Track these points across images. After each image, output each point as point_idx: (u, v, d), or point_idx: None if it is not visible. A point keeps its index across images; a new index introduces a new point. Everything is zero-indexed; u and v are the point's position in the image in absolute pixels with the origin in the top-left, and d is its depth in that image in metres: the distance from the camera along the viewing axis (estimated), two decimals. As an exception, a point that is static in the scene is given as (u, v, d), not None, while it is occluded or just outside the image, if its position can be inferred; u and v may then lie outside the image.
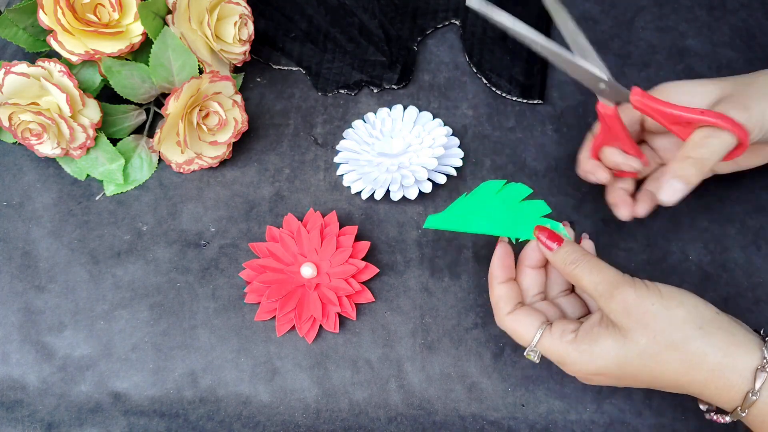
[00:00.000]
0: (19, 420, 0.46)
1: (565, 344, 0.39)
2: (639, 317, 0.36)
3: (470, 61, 0.58)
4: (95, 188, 0.54)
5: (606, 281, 0.38)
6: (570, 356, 0.38)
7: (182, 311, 0.49)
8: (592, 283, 0.38)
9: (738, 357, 0.35)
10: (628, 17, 0.60)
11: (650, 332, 0.36)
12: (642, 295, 0.37)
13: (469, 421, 0.45)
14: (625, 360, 0.37)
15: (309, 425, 0.45)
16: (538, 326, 0.40)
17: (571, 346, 0.38)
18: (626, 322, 0.37)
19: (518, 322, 0.40)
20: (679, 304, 0.37)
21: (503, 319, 0.41)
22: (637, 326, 0.36)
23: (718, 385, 0.36)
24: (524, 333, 0.40)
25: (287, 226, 0.50)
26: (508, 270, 0.42)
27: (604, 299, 0.37)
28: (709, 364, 0.36)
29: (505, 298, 0.41)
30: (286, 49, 0.60)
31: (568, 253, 0.40)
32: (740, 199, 0.51)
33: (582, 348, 0.38)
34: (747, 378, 0.35)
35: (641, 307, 0.36)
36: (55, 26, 0.49)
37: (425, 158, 0.51)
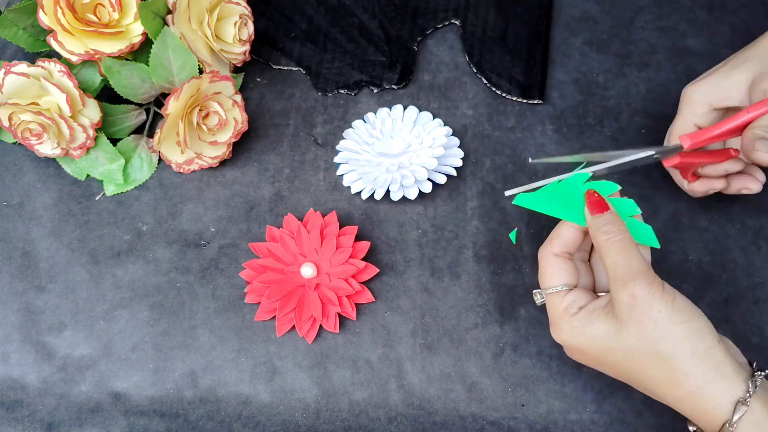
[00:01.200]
0: (19, 420, 0.46)
1: (565, 313, 0.39)
2: (640, 317, 0.36)
3: (470, 61, 0.58)
4: (95, 188, 0.54)
5: (628, 267, 0.37)
6: (561, 325, 0.39)
7: (182, 311, 0.49)
8: (613, 263, 0.38)
9: (721, 388, 0.35)
10: (628, 17, 0.60)
11: (644, 336, 0.36)
12: (654, 296, 0.36)
13: (469, 421, 0.45)
14: (609, 350, 0.38)
15: (309, 425, 0.45)
16: (563, 283, 0.40)
17: (567, 318, 0.39)
18: (626, 316, 0.36)
19: (553, 265, 0.41)
20: (684, 321, 0.36)
21: (546, 253, 0.41)
22: (633, 324, 0.36)
23: (694, 408, 0.36)
24: (549, 278, 0.41)
25: (287, 226, 0.50)
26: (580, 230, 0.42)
27: (617, 284, 0.37)
28: (689, 386, 0.35)
29: (563, 239, 0.41)
30: (286, 49, 0.60)
31: (606, 223, 0.39)
32: (740, 199, 0.51)
33: (574, 325, 0.39)
34: (726, 409, 0.35)
35: (647, 308, 0.36)
36: (55, 26, 0.49)
37: (425, 158, 0.51)
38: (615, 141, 0.54)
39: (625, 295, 0.37)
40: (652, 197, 0.51)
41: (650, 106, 0.55)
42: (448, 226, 0.51)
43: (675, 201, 0.51)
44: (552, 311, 0.40)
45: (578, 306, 0.39)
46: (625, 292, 0.37)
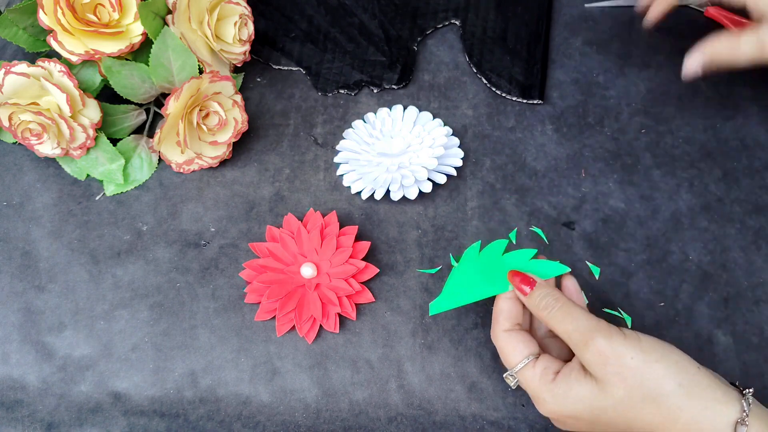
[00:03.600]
0: (19, 420, 0.46)
1: (542, 383, 0.38)
2: (616, 369, 0.36)
3: (470, 61, 0.58)
4: (95, 188, 0.54)
5: (579, 330, 0.37)
6: (544, 397, 0.38)
7: (182, 311, 0.49)
8: (566, 332, 0.38)
9: (717, 412, 0.35)
10: (628, 17, 0.60)
11: (627, 385, 0.36)
12: (618, 345, 0.36)
13: (469, 421, 0.45)
14: (600, 409, 0.37)
15: (309, 425, 0.45)
16: (527, 355, 0.39)
17: (547, 386, 0.38)
18: (602, 373, 0.36)
19: (509, 343, 0.40)
20: (659, 359, 0.36)
21: (498, 333, 0.41)
22: (614, 378, 0.36)
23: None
24: (511, 356, 0.40)
25: (287, 226, 0.50)
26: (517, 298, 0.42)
27: (579, 348, 0.37)
28: (686, 418, 0.35)
29: (506, 313, 0.41)
30: (286, 49, 0.60)
31: (541, 298, 0.39)
32: (740, 199, 0.51)
33: (556, 392, 0.38)
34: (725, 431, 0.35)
35: (619, 359, 0.36)
36: (55, 26, 0.49)
37: (425, 158, 0.51)
38: (615, 141, 0.54)
39: (590, 354, 0.37)
40: (652, 197, 0.51)
41: (650, 106, 0.55)
42: (448, 226, 0.51)
43: (675, 201, 0.51)
44: (529, 386, 0.39)
45: (553, 372, 0.38)
46: (589, 352, 0.37)
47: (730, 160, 0.53)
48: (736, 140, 0.53)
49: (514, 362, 0.40)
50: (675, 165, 0.53)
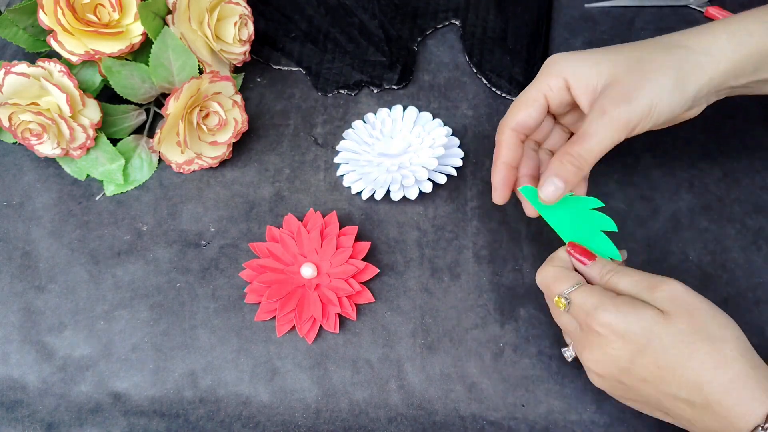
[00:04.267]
0: (19, 420, 0.46)
1: (603, 297, 0.37)
2: (685, 306, 0.36)
3: (470, 61, 0.58)
4: (95, 188, 0.54)
5: (646, 279, 0.38)
6: (605, 308, 0.37)
7: (182, 311, 0.49)
8: (631, 283, 0.38)
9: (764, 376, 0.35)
10: (628, 17, 0.60)
11: (693, 321, 0.36)
12: (690, 290, 0.37)
13: (469, 421, 0.45)
14: (658, 334, 0.36)
15: (309, 425, 0.45)
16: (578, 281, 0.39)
17: (611, 300, 0.37)
18: (671, 307, 0.36)
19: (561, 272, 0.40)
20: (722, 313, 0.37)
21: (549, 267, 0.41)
22: (681, 312, 0.36)
23: (741, 395, 0.34)
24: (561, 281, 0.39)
25: (287, 226, 0.50)
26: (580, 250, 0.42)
27: (649, 291, 0.37)
28: (736, 369, 0.35)
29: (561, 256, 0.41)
30: (286, 49, 0.60)
31: (602, 266, 0.40)
32: (740, 199, 0.51)
33: (620, 307, 0.37)
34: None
35: (688, 298, 0.36)
36: (55, 26, 0.49)
37: (425, 158, 0.51)
38: (615, 141, 0.54)
39: (662, 292, 0.37)
40: (652, 197, 0.51)
41: (650, 106, 0.55)
42: (448, 226, 0.51)
43: (675, 201, 0.51)
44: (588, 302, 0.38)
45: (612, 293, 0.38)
46: (660, 291, 0.37)
47: (730, 160, 0.53)
48: (736, 140, 0.53)
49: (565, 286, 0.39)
50: (675, 165, 0.53)
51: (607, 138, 0.39)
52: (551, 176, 0.40)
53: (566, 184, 0.40)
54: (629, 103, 0.39)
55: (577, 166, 0.39)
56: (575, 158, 0.39)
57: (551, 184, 0.40)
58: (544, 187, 0.40)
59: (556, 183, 0.39)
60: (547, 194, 0.40)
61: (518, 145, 0.44)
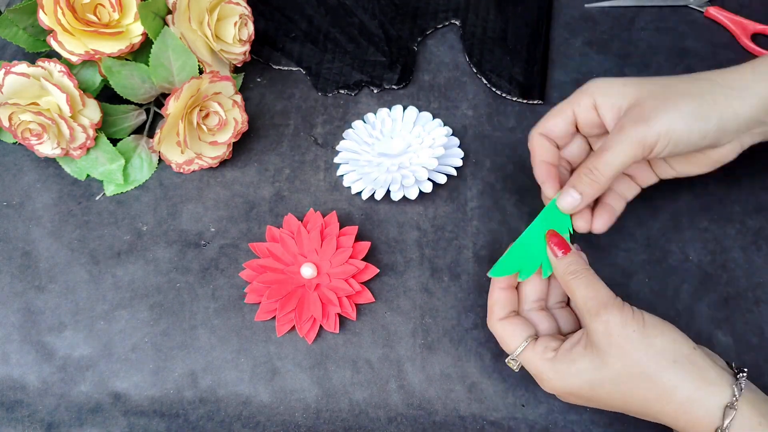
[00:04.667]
0: (19, 420, 0.46)
1: (543, 361, 0.39)
2: (618, 342, 0.37)
3: (470, 61, 0.58)
4: (95, 188, 0.54)
5: (597, 299, 0.38)
6: (546, 374, 0.39)
7: (182, 311, 0.49)
8: (583, 298, 0.39)
9: (708, 393, 0.36)
10: (628, 17, 0.60)
11: (626, 358, 0.37)
12: (626, 320, 0.37)
13: (469, 421, 0.45)
14: (598, 383, 0.38)
15: (309, 425, 0.45)
16: (525, 338, 0.41)
17: (549, 364, 0.39)
18: (605, 345, 0.37)
19: (507, 329, 0.42)
20: (657, 335, 0.37)
21: (494, 323, 0.42)
22: (614, 351, 0.37)
23: (688, 419, 0.36)
24: (510, 341, 0.41)
25: (287, 226, 0.50)
26: (511, 279, 0.43)
27: (590, 316, 0.38)
28: (678, 398, 0.36)
29: (501, 303, 0.42)
30: (286, 49, 0.60)
31: (570, 263, 0.41)
32: (740, 199, 0.51)
33: (558, 368, 0.39)
34: (716, 415, 0.35)
35: (622, 332, 0.37)
36: (55, 26, 0.49)
37: (425, 158, 0.51)
38: (615, 141, 0.54)
39: (600, 324, 0.37)
40: (652, 197, 0.51)
41: (650, 106, 0.55)
42: (448, 226, 0.51)
43: (675, 201, 0.51)
44: (531, 366, 0.40)
45: (552, 349, 0.40)
46: (599, 322, 0.37)
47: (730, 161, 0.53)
48: (736, 140, 0.53)
49: (514, 346, 0.41)
50: (675, 165, 0.53)
51: (623, 154, 0.40)
52: (569, 188, 0.42)
53: (582, 196, 0.41)
54: (646, 123, 0.40)
55: (592, 179, 0.41)
56: (592, 172, 0.41)
57: (569, 195, 0.42)
58: (562, 198, 0.42)
59: (573, 194, 0.42)
60: (565, 204, 0.42)
61: (550, 147, 0.45)
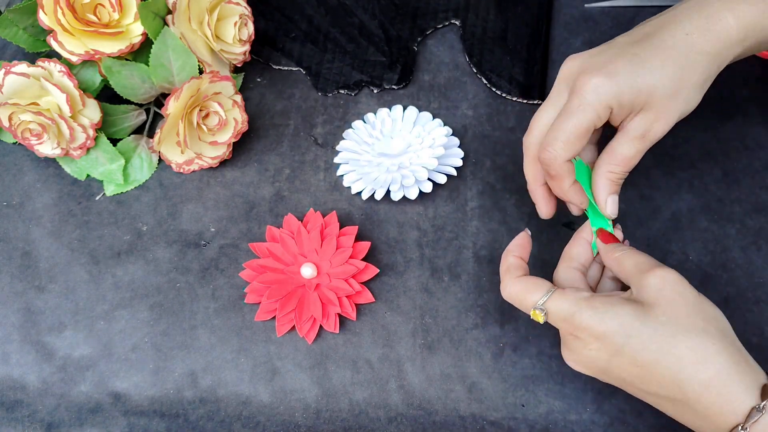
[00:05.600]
0: (19, 420, 0.46)
1: (578, 300, 0.37)
2: (671, 296, 0.36)
3: (470, 61, 0.58)
4: (95, 188, 0.54)
5: (650, 261, 0.38)
6: (581, 312, 0.36)
7: (182, 311, 0.49)
8: (634, 261, 0.38)
9: (746, 371, 0.34)
10: (628, 17, 0.60)
11: (674, 312, 0.35)
12: (683, 281, 0.37)
13: (469, 421, 0.45)
14: (637, 331, 0.35)
15: (309, 425, 0.45)
16: (548, 289, 0.39)
17: (585, 302, 0.37)
18: (655, 297, 0.36)
19: (528, 282, 0.39)
20: (711, 306, 0.37)
21: (511, 282, 0.40)
22: (664, 302, 0.36)
23: (720, 393, 0.34)
24: (530, 294, 0.39)
25: (287, 226, 0.50)
26: (524, 252, 0.42)
27: (644, 273, 0.37)
28: (716, 366, 0.34)
29: (515, 265, 0.41)
30: (286, 49, 0.60)
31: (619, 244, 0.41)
32: (740, 199, 0.51)
33: (596, 306, 0.36)
34: (753, 393, 0.34)
35: (678, 288, 0.36)
36: (55, 26, 0.49)
37: (425, 158, 0.51)
38: (615, 141, 0.54)
39: (654, 278, 0.37)
40: (652, 197, 0.51)
41: (650, 106, 0.55)
42: (448, 226, 0.51)
43: (675, 201, 0.51)
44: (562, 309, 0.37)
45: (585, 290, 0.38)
46: (653, 277, 0.37)
47: (730, 160, 0.53)
48: (736, 140, 0.53)
49: (537, 297, 0.38)
50: (675, 165, 0.53)
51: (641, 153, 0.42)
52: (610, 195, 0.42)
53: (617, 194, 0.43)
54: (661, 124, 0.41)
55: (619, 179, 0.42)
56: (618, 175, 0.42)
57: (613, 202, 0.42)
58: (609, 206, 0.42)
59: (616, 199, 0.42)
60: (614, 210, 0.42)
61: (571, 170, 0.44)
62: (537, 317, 0.39)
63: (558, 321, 0.38)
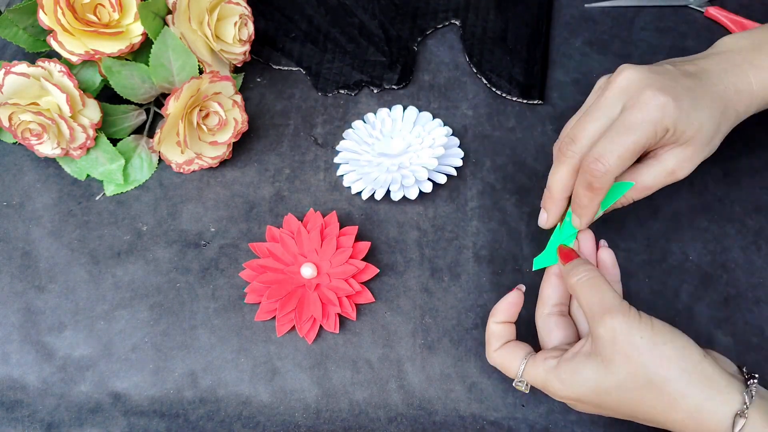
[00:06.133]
0: (19, 420, 0.46)
1: (546, 371, 0.39)
2: (623, 348, 0.36)
3: (470, 61, 0.58)
4: (95, 188, 0.54)
5: (601, 304, 0.38)
6: (551, 383, 0.39)
7: (182, 311, 0.49)
8: (588, 302, 0.39)
9: (718, 403, 0.35)
10: (628, 17, 0.60)
11: (632, 365, 0.36)
12: (632, 325, 0.36)
13: (469, 421, 0.45)
14: (604, 391, 0.37)
15: (309, 425, 0.45)
16: (523, 357, 0.41)
17: (552, 373, 0.39)
18: (610, 351, 0.36)
19: (504, 356, 0.41)
20: (666, 342, 0.36)
21: (491, 354, 0.42)
22: (619, 357, 0.36)
23: (697, 428, 0.36)
24: (510, 364, 0.41)
25: (287, 226, 0.50)
26: (510, 315, 0.43)
27: (595, 321, 0.37)
28: (687, 407, 0.35)
29: (496, 335, 0.42)
30: (286, 49, 0.60)
31: (575, 266, 0.41)
32: (740, 199, 0.51)
33: (562, 376, 0.38)
34: (726, 424, 0.35)
35: (628, 337, 0.36)
36: (55, 26, 0.49)
37: (425, 158, 0.51)
38: (615, 141, 0.54)
39: (604, 329, 0.37)
40: (652, 197, 0.51)
41: (650, 106, 0.55)
42: (448, 226, 0.51)
43: (675, 201, 0.51)
44: (537, 379, 0.40)
45: (552, 357, 0.39)
46: (603, 327, 0.37)
47: (730, 160, 0.53)
48: (736, 140, 0.53)
49: (516, 367, 0.41)
50: (675, 165, 0.53)
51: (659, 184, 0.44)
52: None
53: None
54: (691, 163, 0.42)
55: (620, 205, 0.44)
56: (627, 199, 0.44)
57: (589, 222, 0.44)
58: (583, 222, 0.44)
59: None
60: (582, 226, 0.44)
61: None
62: (521, 388, 0.41)
63: (538, 387, 0.41)
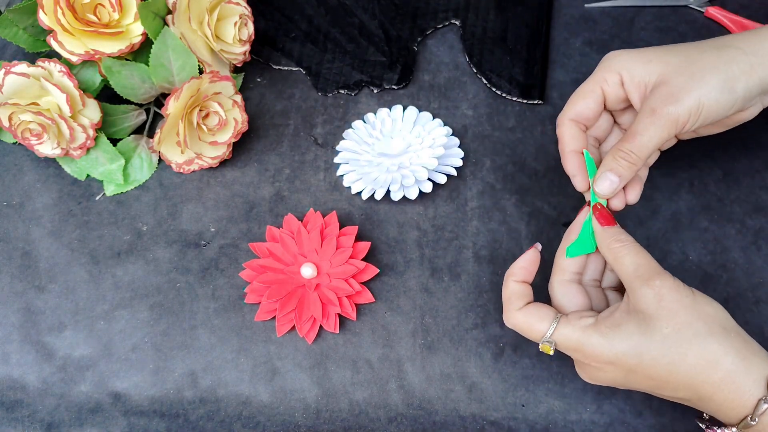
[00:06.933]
0: (19, 420, 0.46)
1: (583, 329, 0.38)
2: (670, 305, 0.36)
3: (470, 61, 0.58)
4: (95, 188, 0.54)
5: (649, 266, 0.38)
6: (590, 340, 0.37)
7: (182, 311, 0.49)
8: (633, 264, 0.38)
9: (753, 363, 0.36)
10: (628, 17, 0.60)
11: (677, 322, 0.36)
12: (678, 286, 0.37)
13: (469, 421, 0.45)
14: (646, 348, 0.36)
15: (309, 425, 0.45)
16: (554, 317, 0.39)
17: (592, 329, 0.37)
18: (655, 309, 0.36)
19: (529, 315, 0.39)
20: (708, 303, 0.37)
21: (514, 314, 0.40)
22: (665, 314, 0.36)
23: (731, 390, 0.36)
24: (536, 326, 0.39)
25: (287, 226, 0.50)
26: (527, 274, 0.41)
27: (641, 282, 0.37)
28: (725, 366, 0.36)
29: (517, 294, 0.41)
30: (286, 49, 0.60)
31: (618, 232, 0.40)
32: (740, 199, 0.51)
33: (603, 331, 0.37)
34: (761, 385, 0.35)
35: (675, 295, 0.37)
36: (55, 26, 0.49)
37: (425, 158, 0.51)
38: (615, 141, 0.54)
39: (650, 289, 0.37)
40: (652, 197, 0.51)
41: (650, 106, 0.55)
42: (448, 226, 0.51)
43: (675, 201, 0.51)
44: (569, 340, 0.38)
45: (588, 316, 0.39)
46: (650, 287, 0.37)
47: (730, 160, 0.53)
48: (736, 140, 0.53)
49: (545, 328, 0.39)
50: (675, 165, 0.53)
51: (656, 136, 0.40)
52: (605, 171, 0.41)
53: (620, 178, 0.41)
54: (677, 103, 0.40)
55: (629, 161, 0.41)
56: (627, 154, 0.41)
57: (606, 179, 0.41)
58: (599, 182, 0.42)
59: (611, 178, 0.41)
60: (603, 189, 0.42)
61: (580, 133, 0.44)
62: (547, 350, 0.39)
63: (568, 350, 0.39)
